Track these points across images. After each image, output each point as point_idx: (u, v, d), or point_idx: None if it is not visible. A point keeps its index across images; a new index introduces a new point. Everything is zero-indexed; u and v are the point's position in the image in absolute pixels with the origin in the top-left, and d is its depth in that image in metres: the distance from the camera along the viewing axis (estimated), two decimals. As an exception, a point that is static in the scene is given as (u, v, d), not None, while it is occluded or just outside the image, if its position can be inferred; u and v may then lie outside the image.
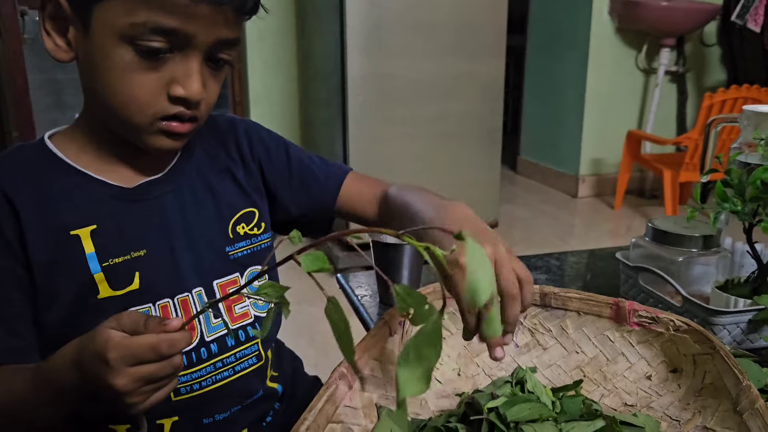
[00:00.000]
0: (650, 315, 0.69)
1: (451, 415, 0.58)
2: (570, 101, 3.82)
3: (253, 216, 0.78)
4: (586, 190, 3.87)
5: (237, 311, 0.75)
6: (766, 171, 0.77)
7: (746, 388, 0.59)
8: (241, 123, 0.82)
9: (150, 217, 0.70)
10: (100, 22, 0.61)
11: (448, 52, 2.61)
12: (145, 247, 0.69)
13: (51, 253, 0.65)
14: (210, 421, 0.73)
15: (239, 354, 0.75)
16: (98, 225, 0.67)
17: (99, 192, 0.68)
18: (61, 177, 0.68)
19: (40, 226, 0.65)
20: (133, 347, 0.52)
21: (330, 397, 0.56)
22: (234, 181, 0.78)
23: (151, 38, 0.60)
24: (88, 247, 0.66)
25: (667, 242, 0.91)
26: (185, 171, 0.75)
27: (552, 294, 0.72)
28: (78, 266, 0.66)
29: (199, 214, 0.74)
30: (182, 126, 0.66)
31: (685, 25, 3.52)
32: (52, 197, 0.66)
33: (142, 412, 0.56)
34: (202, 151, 0.77)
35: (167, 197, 0.72)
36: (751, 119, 0.89)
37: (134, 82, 0.62)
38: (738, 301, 0.82)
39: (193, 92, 0.63)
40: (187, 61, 0.63)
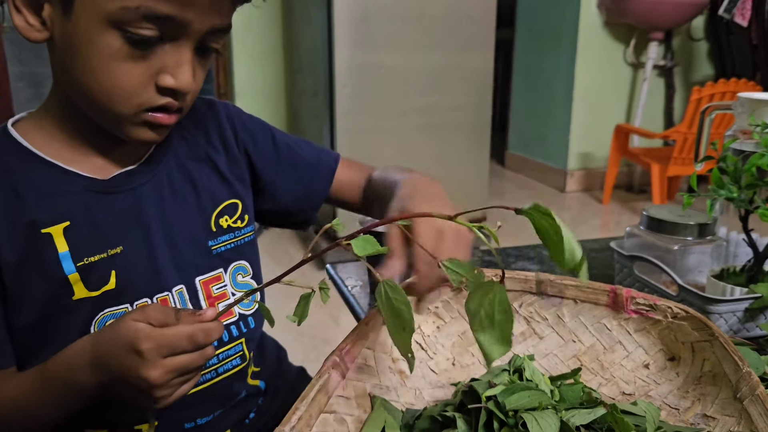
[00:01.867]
0: (648, 302, 0.68)
1: (447, 405, 0.57)
2: (558, 96, 3.82)
3: (237, 208, 0.74)
4: (575, 184, 3.87)
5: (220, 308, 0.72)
6: (762, 157, 0.76)
7: (746, 375, 0.58)
8: (222, 107, 0.77)
9: (126, 211, 0.66)
10: (85, 3, 0.56)
11: (437, 44, 2.59)
12: (121, 244, 0.65)
13: (21, 253, 0.61)
14: (192, 426, 0.71)
15: (222, 355, 0.71)
16: (71, 221, 0.62)
17: (71, 185, 0.63)
18: (28, 169, 0.62)
19: (7, 224, 0.60)
20: (168, 338, 0.51)
21: (323, 386, 0.54)
22: (215, 170, 0.73)
23: (142, 25, 0.56)
24: (61, 245, 0.62)
25: (662, 231, 0.90)
26: (163, 160, 0.70)
27: (548, 281, 0.71)
28: (50, 267, 0.61)
29: (178, 207, 0.69)
30: (168, 118, 0.62)
31: (673, 19, 3.53)
32: (18, 192, 0.61)
33: (166, 406, 0.55)
34: (181, 138, 0.72)
35: (144, 188, 0.67)
36: (746, 106, 0.88)
37: (120, 71, 0.58)
38: (734, 290, 0.81)
39: (184, 83, 0.59)
40: (178, 50, 0.59)
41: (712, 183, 0.79)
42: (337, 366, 0.57)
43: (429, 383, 0.66)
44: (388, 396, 0.61)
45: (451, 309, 0.72)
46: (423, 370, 0.67)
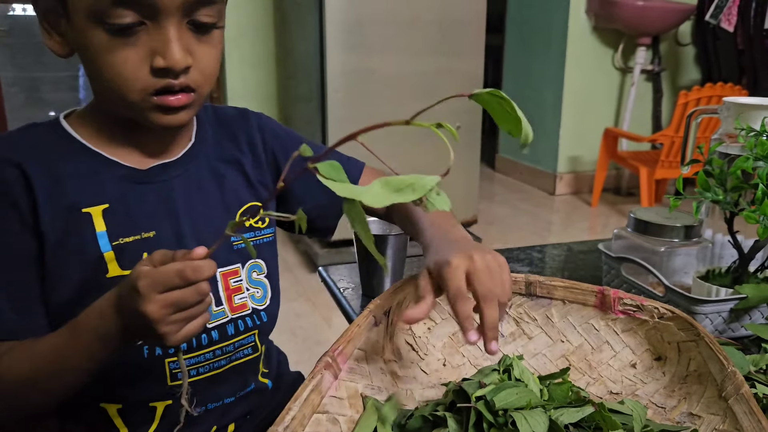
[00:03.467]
0: (635, 303, 0.69)
1: (438, 404, 0.58)
2: (547, 100, 3.85)
3: (258, 210, 0.76)
4: (564, 187, 3.89)
5: (236, 301, 0.75)
6: (747, 160, 0.78)
7: (731, 374, 0.59)
8: (254, 116, 0.81)
9: (159, 200, 0.70)
10: (74, 6, 0.60)
11: (428, 49, 2.60)
12: (154, 229, 0.69)
13: (62, 231, 0.65)
14: (202, 410, 0.73)
15: (237, 343, 0.74)
16: (110, 204, 0.67)
17: (112, 173, 0.68)
18: (75, 157, 0.67)
19: (53, 204, 0.65)
20: (160, 274, 0.54)
21: (315, 386, 0.55)
22: (242, 173, 0.77)
23: (116, 13, 0.58)
24: (99, 225, 0.66)
25: (649, 233, 0.91)
26: (195, 158, 0.74)
27: (537, 282, 0.72)
28: (88, 244, 0.65)
29: (204, 202, 0.73)
30: (177, 99, 0.64)
31: (660, 24, 3.56)
32: (64, 176, 0.66)
33: (176, 343, 0.56)
34: (214, 140, 0.77)
35: (176, 181, 0.72)
36: (732, 110, 0.90)
37: (116, 62, 0.61)
38: (719, 291, 0.83)
39: (175, 60, 0.61)
40: (161, 29, 0.60)
41: (699, 186, 0.81)
42: (330, 367, 0.58)
43: (420, 384, 0.67)
44: (380, 396, 0.62)
45: (441, 310, 0.73)
46: (414, 370, 0.68)
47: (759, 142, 0.78)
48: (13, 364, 0.63)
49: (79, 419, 0.71)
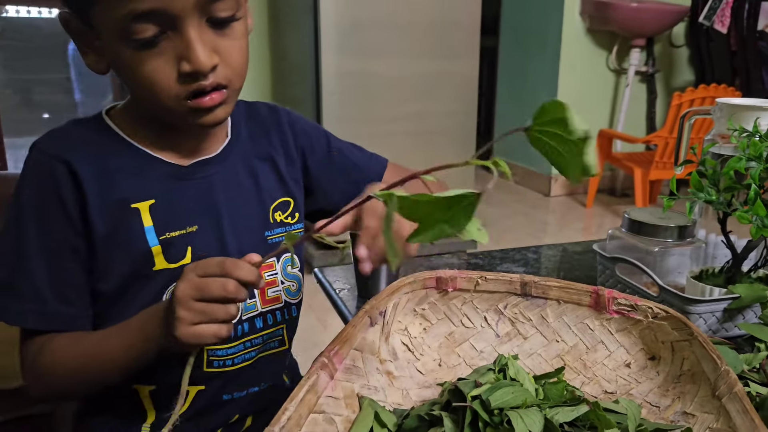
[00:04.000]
0: (629, 302, 0.69)
1: (434, 404, 0.58)
2: (542, 102, 3.82)
3: (289, 205, 0.80)
4: (559, 189, 3.91)
5: (269, 294, 0.77)
6: (740, 161, 0.78)
7: (724, 373, 0.59)
8: (284, 112, 0.83)
9: (200, 196, 0.72)
10: (100, 27, 0.63)
11: (422, 52, 2.61)
12: (196, 224, 0.71)
13: (111, 225, 0.67)
14: (228, 398, 0.76)
15: (266, 336, 0.77)
16: (156, 200, 0.69)
17: (155, 169, 0.70)
18: (120, 152, 0.69)
19: (102, 198, 0.67)
20: (204, 261, 0.57)
21: (312, 386, 0.55)
22: (275, 169, 0.80)
23: (137, 29, 0.60)
24: (147, 220, 0.68)
25: (643, 233, 0.92)
26: (232, 155, 0.76)
27: (532, 283, 0.72)
28: (137, 238, 0.68)
29: (241, 197, 0.76)
30: (211, 99, 0.65)
31: (654, 26, 3.58)
32: (111, 171, 0.68)
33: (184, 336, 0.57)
34: (248, 136, 0.79)
35: (215, 177, 0.74)
36: (724, 111, 0.90)
37: (146, 73, 0.63)
38: (713, 291, 0.83)
39: (199, 63, 0.62)
40: (181, 35, 0.61)
41: (692, 186, 0.81)
42: (326, 367, 0.58)
43: (416, 383, 0.67)
44: (376, 396, 0.62)
45: (437, 311, 0.73)
46: (410, 370, 0.68)
47: (751, 142, 0.78)
48: (58, 353, 0.66)
49: (108, 399, 0.72)
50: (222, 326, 0.58)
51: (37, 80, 4.19)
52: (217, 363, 0.73)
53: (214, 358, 0.73)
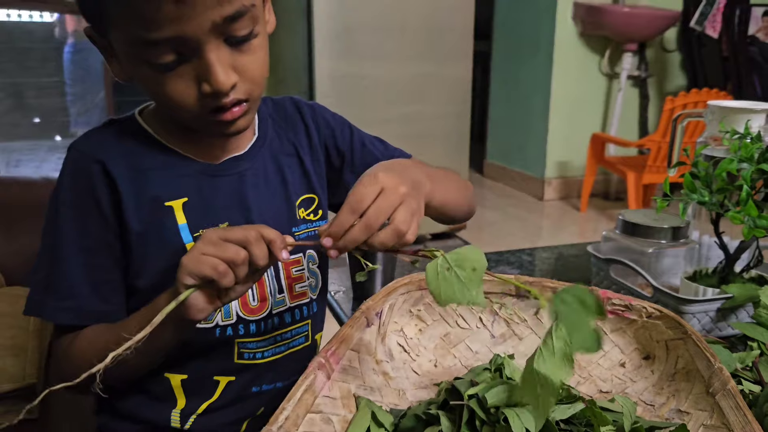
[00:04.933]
0: (623, 302, 0.70)
1: (431, 403, 0.58)
2: (535, 106, 3.87)
3: (313, 202, 0.81)
4: (553, 192, 3.92)
5: (297, 290, 0.78)
6: (732, 162, 0.79)
7: (718, 371, 0.60)
8: (306, 106, 0.84)
9: (231, 192, 0.74)
10: (119, 49, 0.65)
11: (416, 55, 2.62)
12: (228, 219, 0.72)
13: (146, 223, 0.69)
14: (257, 391, 0.77)
15: (294, 332, 0.78)
16: (188, 198, 0.71)
17: (187, 167, 0.72)
18: (152, 152, 0.71)
19: (136, 197, 0.69)
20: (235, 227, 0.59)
21: (309, 386, 0.55)
22: (300, 165, 0.81)
23: (154, 54, 0.60)
24: (180, 218, 0.70)
25: (637, 234, 0.93)
26: (261, 151, 0.77)
27: (527, 284, 0.73)
28: (171, 236, 0.70)
29: (270, 193, 0.77)
30: (232, 113, 0.66)
31: (646, 31, 3.60)
32: (145, 170, 0.70)
33: (192, 263, 0.57)
34: (275, 132, 0.80)
35: (246, 173, 0.75)
36: (716, 114, 0.91)
37: (168, 90, 0.63)
38: (706, 291, 0.84)
39: (219, 84, 0.62)
40: (201, 57, 0.61)
41: (685, 187, 0.82)
42: (323, 367, 0.58)
43: (412, 384, 0.67)
44: (372, 396, 0.62)
45: (433, 312, 0.73)
46: (406, 371, 0.69)
47: (743, 144, 0.79)
48: (90, 340, 0.68)
49: (140, 386, 0.73)
50: (224, 265, 0.57)
51: (28, 84, 4.16)
52: (248, 355, 0.75)
53: (244, 350, 0.74)
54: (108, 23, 0.62)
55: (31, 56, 5.27)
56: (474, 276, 0.52)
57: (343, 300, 0.94)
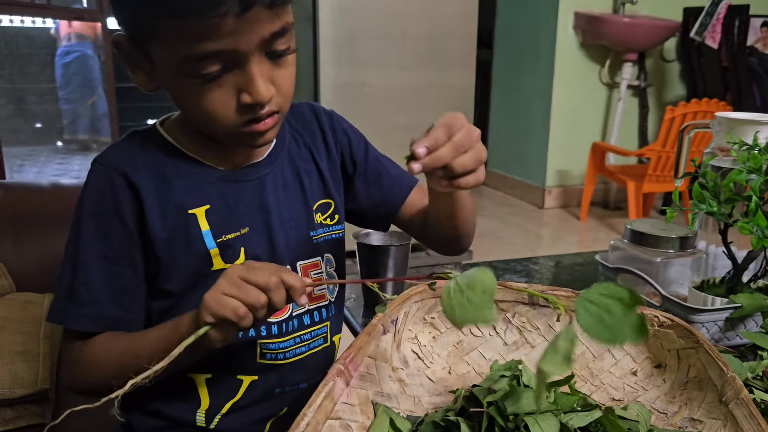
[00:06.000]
0: (635, 312, 0.70)
1: (448, 410, 0.59)
2: (536, 115, 3.89)
3: (329, 207, 0.83)
4: (553, 201, 3.93)
5: (316, 292, 0.80)
6: (740, 173, 0.80)
7: (731, 380, 0.60)
8: (323, 112, 0.86)
9: (252, 197, 0.76)
10: (159, 60, 0.66)
11: (420, 63, 2.63)
12: (249, 224, 0.74)
13: (171, 230, 0.71)
14: (280, 391, 0.78)
15: (313, 333, 0.80)
16: (211, 205, 0.73)
17: (209, 175, 0.74)
18: (174, 161, 0.73)
19: (160, 205, 0.71)
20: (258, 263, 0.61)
21: (328, 393, 0.56)
22: (317, 170, 0.82)
23: (202, 66, 0.62)
24: (204, 225, 0.72)
25: (645, 243, 0.93)
26: (280, 156, 0.79)
27: (540, 292, 0.73)
28: (196, 242, 0.72)
29: (289, 198, 0.79)
30: (264, 124, 0.68)
31: (646, 41, 3.63)
32: (168, 178, 0.72)
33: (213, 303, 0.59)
34: (292, 139, 0.82)
35: (266, 179, 0.77)
36: (723, 125, 0.92)
37: (206, 103, 0.65)
38: (715, 300, 0.85)
39: (261, 96, 0.64)
40: (244, 69, 0.64)
41: (694, 197, 0.83)
42: (342, 374, 0.58)
43: (427, 391, 0.68)
44: (389, 403, 0.63)
45: (446, 320, 0.74)
46: (421, 378, 0.69)
47: (751, 155, 0.80)
48: (104, 345, 0.70)
49: (165, 385, 0.74)
50: (244, 309, 0.59)
51: (30, 89, 4.17)
52: (270, 356, 0.77)
53: (266, 351, 0.76)
54: (152, 34, 0.63)
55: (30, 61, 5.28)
56: (485, 298, 0.53)
57: (355, 307, 0.95)
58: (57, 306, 0.72)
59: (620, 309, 0.45)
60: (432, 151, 0.59)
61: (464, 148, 0.60)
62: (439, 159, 0.59)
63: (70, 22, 4.98)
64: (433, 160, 0.59)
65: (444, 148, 0.59)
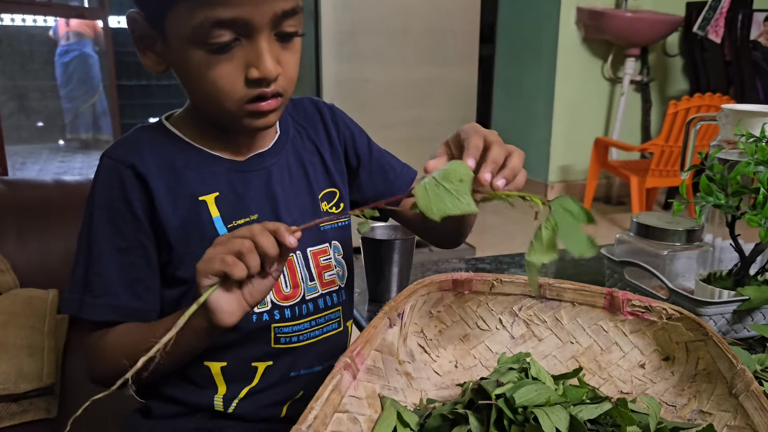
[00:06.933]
0: (643, 304, 0.70)
1: (456, 403, 0.58)
2: (538, 110, 3.88)
3: (334, 196, 0.85)
4: (555, 197, 3.92)
5: (326, 278, 0.81)
6: (748, 165, 0.79)
7: (741, 372, 0.60)
8: (325, 107, 0.88)
9: (259, 185, 0.78)
10: (173, 31, 0.67)
11: (422, 59, 2.63)
12: (257, 211, 0.76)
13: (183, 217, 0.73)
14: (295, 375, 0.80)
15: (327, 317, 0.82)
16: (220, 192, 0.75)
17: (217, 165, 0.76)
18: (182, 152, 0.75)
19: (170, 194, 0.73)
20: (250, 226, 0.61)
21: (335, 386, 0.55)
22: (321, 161, 0.84)
23: (216, 34, 0.64)
24: (214, 211, 0.74)
25: (651, 237, 0.93)
26: (284, 147, 0.81)
27: (546, 285, 0.73)
28: (207, 228, 0.74)
29: (295, 187, 0.81)
30: (268, 104, 0.70)
31: (648, 35, 3.62)
32: (177, 169, 0.74)
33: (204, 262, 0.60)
34: (296, 131, 0.84)
35: (272, 168, 0.79)
36: (730, 117, 0.92)
37: (214, 77, 0.67)
38: (722, 293, 0.84)
39: (268, 71, 0.66)
40: (254, 43, 0.66)
41: (701, 190, 0.82)
42: (349, 367, 0.58)
43: (434, 384, 0.68)
44: (396, 397, 0.62)
45: (452, 313, 0.74)
46: (427, 372, 0.69)
47: (759, 147, 0.80)
48: (121, 335, 0.71)
49: (182, 373, 0.76)
50: (231, 257, 0.59)
51: (32, 86, 4.17)
52: (284, 339, 0.78)
53: (280, 335, 0.77)
54: (170, 4, 0.65)
55: (32, 59, 5.29)
56: (462, 186, 0.55)
57: (360, 301, 0.95)
58: (71, 298, 0.73)
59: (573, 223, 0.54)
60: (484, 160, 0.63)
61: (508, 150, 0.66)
62: (494, 162, 0.64)
63: (68, 21, 4.99)
64: (495, 164, 0.64)
65: (492, 150, 0.65)
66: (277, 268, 0.63)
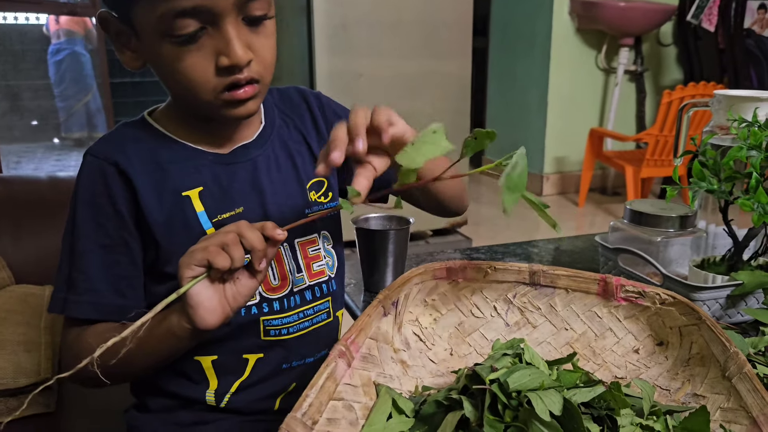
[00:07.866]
0: (637, 289, 0.70)
1: (451, 390, 0.59)
2: (533, 101, 3.88)
3: (323, 185, 0.84)
4: (551, 188, 3.93)
5: (315, 269, 0.81)
6: (741, 150, 0.80)
7: (734, 355, 0.60)
8: (311, 95, 0.88)
9: (245, 178, 0.77)
10: (141, 26, 0.67)
11: (415, 51, 2.62)
12: (243, 204, 0.76)
13: (167, 213, 0.73)
14: (287, 367, 0.80)
15: (315, 308, 0.81)
16: (204, 187, 0.74)
17: (200, 159, 0.75)
18: (165, 147, 0.75)
19: (154, 190, 0.72)
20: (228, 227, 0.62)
21: (330, 374, 0.55)
22: (309, 150, 0.84)
23: (180, 25, 0.64)
24: (198, 206, 0.74)
25: (645, 223, 0.93)
26: (270, 138, 0.80)
27: (540, 272, 0.73)
28: (192, 223, 0.73)
29: (282, 178, 0.80)
30: (244, 92, 0.69)
31: (642, 25, 3.62)
32: (162, 164, 0.73)
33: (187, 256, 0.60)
34: (282, 121, 0.83)
35: (258, 160, 0.78)
36: (723, 102, 0.92)
37: (186, 68, 0.67)
38: (716, 278, 0.85)
39: (237, 57, 0.66)
40: (221, 30, 0.65)
41: (694, 175, 0.82)
42: (344, 355, 0.58)
43: (429, 372, 0.68)
44: (391, 384, 0.62)
45: (447, 301, 0.74)
46: (423, 360, 0.69)
47: (752, 132, 0.80)
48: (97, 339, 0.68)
49: (174, 367, 0.76)
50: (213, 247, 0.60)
51: (25, 86, 4.16)
52: (274, 332, 0.78)
53: (270, 327, 0.77)
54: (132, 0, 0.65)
55: (24, 58, 5.26)
56: (437, 135, 0.60)
57: (354, 292, 0.95)
58: (57, 297, 0.73)
59: None
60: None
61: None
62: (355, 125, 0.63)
63: (57, 18, 4.96)
64: (356, 128, 0.63)
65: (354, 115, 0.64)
66: (264, 266, 0.63)
